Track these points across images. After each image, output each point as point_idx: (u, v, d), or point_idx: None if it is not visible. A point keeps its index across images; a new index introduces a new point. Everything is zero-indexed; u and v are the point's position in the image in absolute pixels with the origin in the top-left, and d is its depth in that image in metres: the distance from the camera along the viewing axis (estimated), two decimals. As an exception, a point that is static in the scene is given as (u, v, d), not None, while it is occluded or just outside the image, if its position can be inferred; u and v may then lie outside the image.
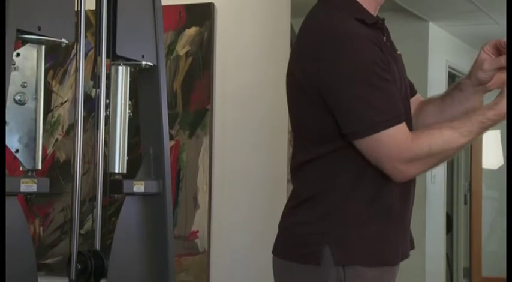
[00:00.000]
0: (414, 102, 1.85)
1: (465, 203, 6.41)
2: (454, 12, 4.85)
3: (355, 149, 1.60)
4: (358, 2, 1.68)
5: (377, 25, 1.69)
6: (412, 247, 1.76)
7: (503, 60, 1.68)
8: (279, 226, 1.73)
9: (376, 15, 1.73)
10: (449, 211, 6.17)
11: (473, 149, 6.25)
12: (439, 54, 5.23)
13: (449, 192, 6.17)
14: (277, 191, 3.09)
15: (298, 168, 1.70)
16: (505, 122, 1.64)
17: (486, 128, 1.60)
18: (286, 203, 1.74)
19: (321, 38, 1.60)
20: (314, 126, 1.64)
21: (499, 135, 6.45)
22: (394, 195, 1.64)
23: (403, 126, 1.58)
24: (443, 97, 1.84)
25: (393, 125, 1.56)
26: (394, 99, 1.60)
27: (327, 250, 1.58)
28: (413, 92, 1.87)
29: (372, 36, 1.62)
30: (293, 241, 1.66)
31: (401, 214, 1.68)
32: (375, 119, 1.55)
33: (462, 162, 6.31)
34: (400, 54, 1.77)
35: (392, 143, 1.56)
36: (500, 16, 4.76)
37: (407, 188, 1.68)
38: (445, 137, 1.57)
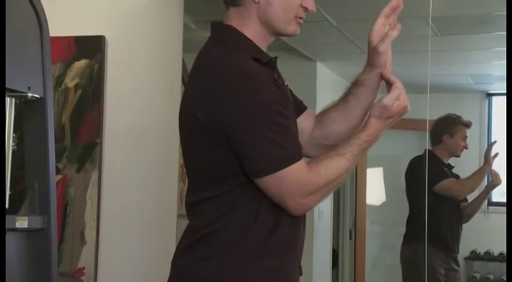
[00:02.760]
0: (308, 117, 1.89)
1: (350, 238, 6.58)
2: (339, 53, 5.05)
3: (253, 185, 1.61)
4: (251, 40, 1.72)
5: (270, 63, 1.73)
6: (300, 273, 1.79)
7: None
8: (173, 264, 1.69)
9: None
10: (335, 246, 6.31)
11: (357, 186, 6.45)
12: (325, 93, 5.41)
13: (335, 227, 6.33)
14: (167, 227, 3.05)
15: (196, 205, 1.69)
16: (386, 159, 1.74)
17: (365, 148, 1.69)
18: (181, 240, 1.71)
19: (221, 77, 1.61)
20: (215, 165, 1.64)
21: (382, 172, 6.71)
22: (289, 228, 1.67)
23: (302, 161, 1.62)
24: (344, 99, 1.87)
25: (296, 162, 1.59)
26: (294, 135, 1.65)
27: None
28: (304, 108, 1.91)
29: (269, 75, 1.66)
30: (191, 278, 1.63)
31: (295, 246, 1.71)
32: (279, 157, 1.58)
33: (348, 199, 6.50)
34: (287, 85, 1.81)
35: (295, 179, 1.59)
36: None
37: (299, 221, 1.72)
38: (336, 164, 1.64)
